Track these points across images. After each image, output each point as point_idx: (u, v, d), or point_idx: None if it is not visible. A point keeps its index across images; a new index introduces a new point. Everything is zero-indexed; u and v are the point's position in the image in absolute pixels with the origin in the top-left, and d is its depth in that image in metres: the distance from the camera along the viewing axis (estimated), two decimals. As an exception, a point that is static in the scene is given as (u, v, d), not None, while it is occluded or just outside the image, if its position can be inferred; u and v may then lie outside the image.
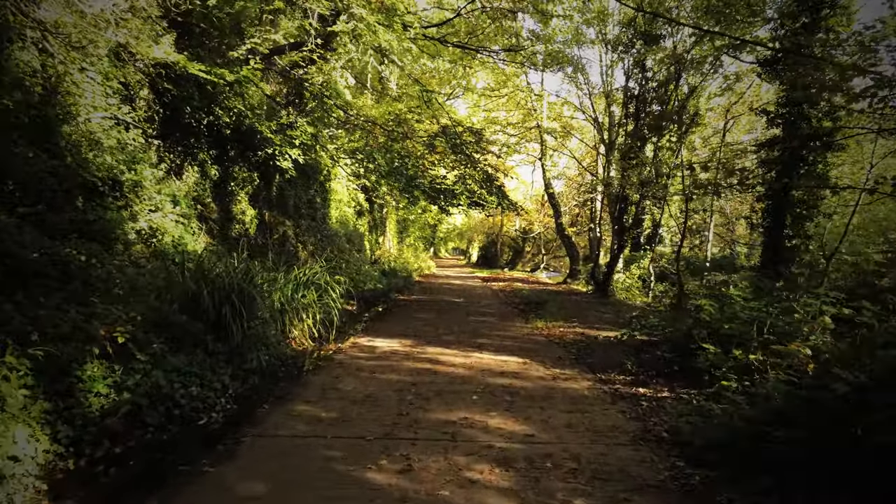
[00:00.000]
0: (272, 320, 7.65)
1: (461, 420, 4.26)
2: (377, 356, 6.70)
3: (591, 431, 4.11)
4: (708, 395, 4.92)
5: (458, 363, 6.35)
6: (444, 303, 13.12)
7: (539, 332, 9.08)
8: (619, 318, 11.12)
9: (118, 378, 4.09)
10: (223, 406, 4.77)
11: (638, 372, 5.92)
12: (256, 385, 5.49)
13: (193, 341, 5.13)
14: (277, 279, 7.99)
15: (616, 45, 15.79)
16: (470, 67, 14.42)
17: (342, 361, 6.39)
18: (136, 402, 3.97)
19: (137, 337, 4.41)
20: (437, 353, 6.90)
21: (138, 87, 8.64)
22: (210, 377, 4.96)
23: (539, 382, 5.53)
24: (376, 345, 7.50)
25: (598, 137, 21.30)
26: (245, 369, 5.58)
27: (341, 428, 4.07)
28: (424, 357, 6.63)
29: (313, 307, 7.94)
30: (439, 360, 6.50)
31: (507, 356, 6.84)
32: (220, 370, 5.17)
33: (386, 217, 24.32)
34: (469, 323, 9.86)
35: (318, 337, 8.14)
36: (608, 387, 5.44)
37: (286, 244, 14.09)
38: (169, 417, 4.23)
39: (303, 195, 16.03)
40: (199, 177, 10.66)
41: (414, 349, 7.18)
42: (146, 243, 7.90)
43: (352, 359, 6.55)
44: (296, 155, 11.72)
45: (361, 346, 7.45)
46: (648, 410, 4.68)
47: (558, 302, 13.63)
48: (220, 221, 11.10)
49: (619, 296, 17.29)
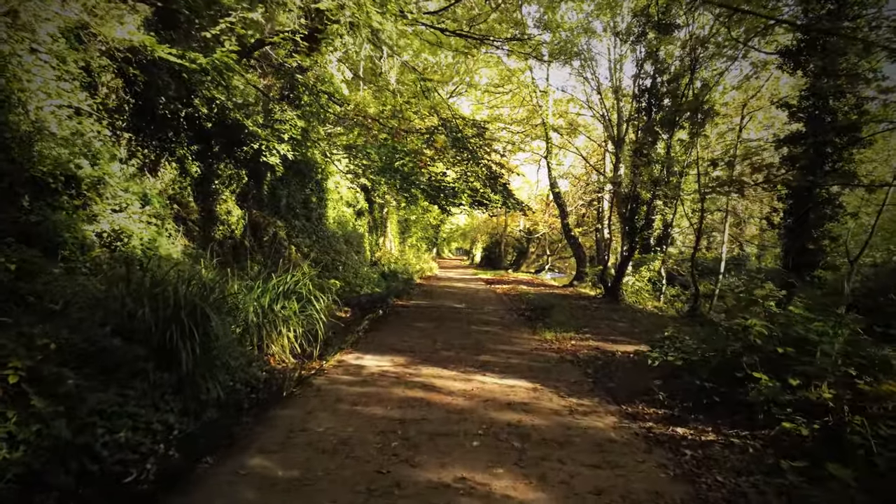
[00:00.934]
0: (248, 335, 6.67)
1: (457, 482, 3.23)
2: (363, 379, 5.68)
3: (627, 501, 3.07)
4: (766, 439, 3.89)
5: (456, 389, 5.32)
6: (444, 309, 12.09)
7: (548, 345, 8.04)
8: (634, 327, 10.07)
9: (12, 428, 3.09)
10: (162, 454, 3.77)
11: (671, 403, 4.87)
12: (214, 421, 4.48)
13: (130, 371, 4.13)
14: (254, 288, 6.98)
15: (627, 35, 14.72)
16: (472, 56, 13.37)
17: (321, 387, 5.37)
18: (27, 463, 2.98)
19: (44, 373, 3.41)
20: (434, 376, 5.87)
21: (102, 72, 7.62)
22: (149, 416, 3.96)
23: (554, 418, 4.49)
24: (365, 364, 6.48)
25: (607, 134, 20.22)
26: (201, 401, 4.57)
27: (299, 497, 3.05)
28: (418, 381, 5.60)
29: (294, 320, 6.93)
30: (435, 385, 5.48)
31: (514, 379, 5.81)
32: (165, 406, 4.16)
33: (387, 217, 23.30)
34: (471, 334, 8.83)
35: (302, 353, 7.14)
36: (638, 425, 4.39)
37: (277, 246, 13.10)
38: (82, 476, 3.23)
39: (297, 194, 15.04)
40: (178, 174, 9.67)
41: (407, 370, 6.16)
42: (109, 247, 6.90)
43: (333, 383, 5.53)
44: (284, 150, 10.72)
45: (348, 365, 6.43)
46: (695, 463, 3.64)
47: (566, 308, 12.59)
48: (201, 222, 10.11)
49: (629, 299, 16.25)
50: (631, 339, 8.68)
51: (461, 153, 9.09)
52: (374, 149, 8.47)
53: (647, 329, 9.83)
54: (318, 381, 5.63)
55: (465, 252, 53.80)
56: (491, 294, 16.32)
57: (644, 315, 12.19)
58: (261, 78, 13.43)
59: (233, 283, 7.22)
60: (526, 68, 22.29)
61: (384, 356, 6.93)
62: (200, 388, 4.56)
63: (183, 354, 4.28)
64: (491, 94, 23.12)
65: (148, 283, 4.59)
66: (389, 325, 9.61)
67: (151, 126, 9.01)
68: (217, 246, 10.45)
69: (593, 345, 8.06)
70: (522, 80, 22.50)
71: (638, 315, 11.78)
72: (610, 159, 22.67)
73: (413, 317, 10.77)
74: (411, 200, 10.89)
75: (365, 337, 8.44)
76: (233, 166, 11.28)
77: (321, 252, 16.02)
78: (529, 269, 32.37)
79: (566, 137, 22.83)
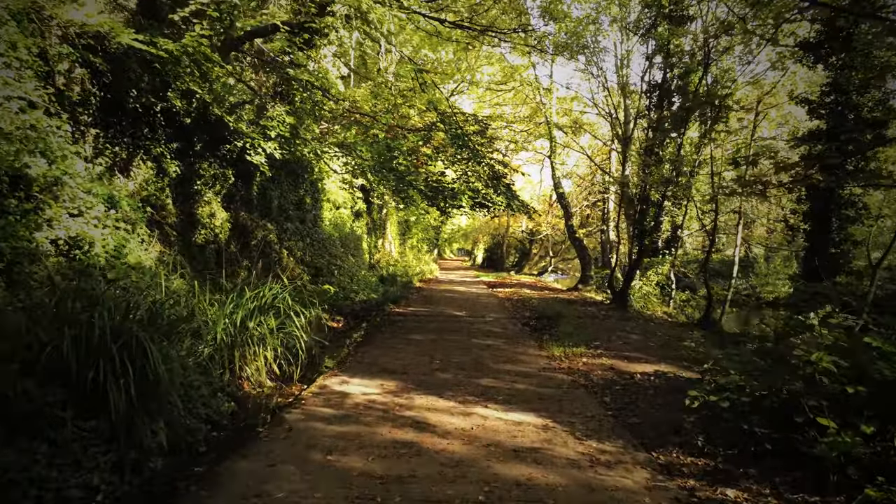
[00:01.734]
0: (218, 356, 5.82)
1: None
2: (345, 413, 4.80)
3: None
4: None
5: (453, 429, 4.44)
6: (444, 318, 11.21)
7: (557, 363, 7.15)
8: (648, 340, 9.17)
9: None
10: (73, 533, 2.91)
11: (711, 450, 3.98)
12: (155, 474, 3.63)
13: (48, 420, 3.28)
14: (227, 302, 6.12)
15: (637, 27, 13.82)
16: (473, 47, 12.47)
17: (294, 425, 4.50)
18: None
19: None
20: (428, 408, 5.00)
21: (61, 60, 6.75)
22: (65, 478, 3.10)
23: (572, 474, 3.61)
24: (350, 390, 5.60)
25: (613, 133, 19.31)
26: (143, 448, 3.71)
27: None
28: (409, 416, 4.72)
29: (271, 338, 6.07)
30: (428, 421, 4.60)
31: (521, 412, 4.93)
32: (89, 462, 3.30)
33: (386, 218, 22.42)
34: (472, 349, 7.95)
35: (281, 375, 6.28)
36: (677, 484, 3.51)
37: (267, 250, 12.23)
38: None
39: (290, 195, 14.16)
40: (154, 174, 8.81)
41: (397, 398, 5.28)
42: (67, 256, 6.05)
43: (309, 419, 4.66)
44: (271, 149, 9.85)
45: (330, 392, 5.56)
46: (761, 550, 2.77)
47: (573, 316, 11.69)
48: (179, 226, 9.25)
49: (636, 304, 15.35)
50: (647, 355, 7.79)
51: (461, 151, 8.21)
52: (365, 146, 7.59)
53: (662, 343, 8.94)
54: (292, 416, 4.75)
55: (467, 253, 52.92)
56: (493, 300, 15.44)
57: (656, 324, 11.29)
58: (253, 74, 12.57)
59: (202, 297, 6.36)
60: (529, 65, 21.40)
61: (373, 379, 6.05)
62: (141, 434, 3.69)
63: (112, 396, 3.42)
64: (493, 92, 22.23)
65: (69, 307, 3.71)
66: (383, 338, 8.74)
67: (123, 121, 8.15)
68: (198, 252, 9.61)
69: (607, 363, 7.17)
70: (525, 77, 21.61)
71: (651, 326, 10.88)
72: (616, 159, 21.77)
73: (409, 327, 9.90)
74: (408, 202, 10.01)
75: (355, 353, 7.56)
76: (217, 166, 10.43)
77: (315, 256, 15.15)
78: (532, 270, 31.48)
79: (571, 136, 21.92)
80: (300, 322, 6.36)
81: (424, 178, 8.29)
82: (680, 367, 6.92)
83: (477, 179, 8.69)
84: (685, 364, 7.20)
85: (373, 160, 7.63)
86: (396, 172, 7.71)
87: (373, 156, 7.63)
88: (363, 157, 7.74)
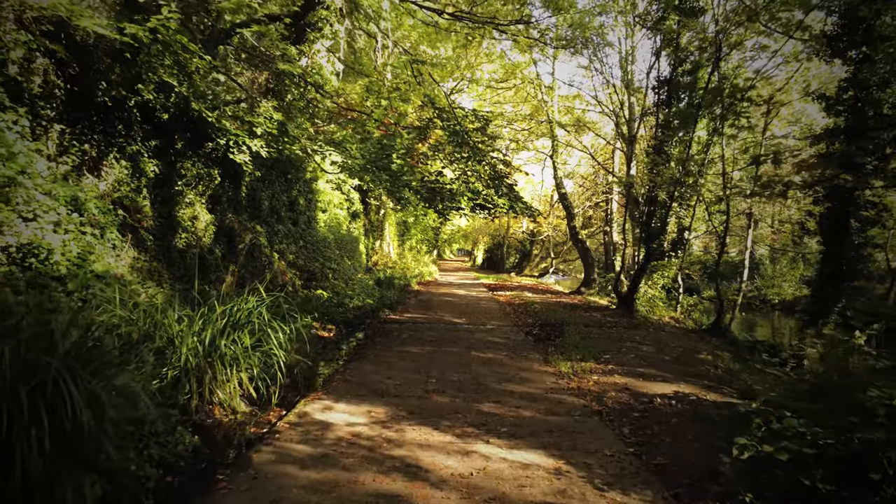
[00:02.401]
0: (186, 380, 5.09)
1: None
2: (324, 453, 4.07)
3: None
4: None
5: (450, 475, 3.71)
6: (442, 326, 10.48)
7: (566, 382, 6.42)
8: (661, 352, 8.44)
9: None
10: None
11: (764, 509, 3.25)
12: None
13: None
14: (196, 318, 5.38)
15: (644, 20, 13.08)
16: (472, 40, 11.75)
17: (261, 470, 3.76)
18: None
19: None
20: (420, 444, 4.26)
21: (14, 47, 6.04)
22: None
23: (596, 544, 2.89)
24: (332, 419, 4.87)
25: (617, 132, 18.57)
26: (70, 508, 2.98)
27: None
28: (398, 457, 3.99)
29: (244, 359, 5.34)
30: (421, 464, 3.87)
31: (528, 450, 4.19)
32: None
33: (384, 220, 21.68)
34: (471, 364, 7.22)
35: (257, 398, 5.55)
36: (728, 561, 2.78)
37: (256, 254, 11.51)
38: None
39: (282, 196, 13.42)
40: (129, 174, 8.09)
41: (386, 431, 4.55)
42: (21, 265, 5.33)
43: (280, 461, 3.92)
44: (257, 147, 9.12)
45: (309, 422, 4.83)
46: None
47: (579, 323, 10.97)
48: (158, 230, 8.52)
49: (641, 309, 14.62)
50: (663, 371, 7.05)
51: (460, 149, 7.48)
52: (356, 144, 6.86)
53: (677, 356, 8.21)
54: (261, 457, 4.02)
55: (467, 253, 52.19)
56: (493, 304, 14.70)
57: (667, 333, 10.55)
58: (245, 70, 11.83)
59: (172, 311, 5.63)
60: (530, 62, 20.69)
61: (360, 404, 5.32)
62: (64, 495, 2.96)
63: (20, 451, 2.70)
64: (493, 90, 21.49)
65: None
66: (376, 351, 8.00)
67: (93, 116, 7.42)
68: (178, 257, 8.87)
69: (620, 382, 6.43)
70: (526, 74, 20.88)
71: (662, 335, 10.14)
72: (619, 158, 21.03)
73: (405, 338, 9.16)
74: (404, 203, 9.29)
75: (343, 370, 6.83)
76: (202, 165, 9.69)
77: (309, 259, 14.41)
78: (533, 272, 30.74)
79: (574, 134, 21.16)
80: (280, 338, 5.62)
81: (421, 178, 7.56)
82: (702, 388, 6.20)
83: (477, 180, 7.96)
84: (707, 383, 6.47)
85: (364, 159, 6.90)
86: (390, 172, 6.98)
87: (365, 154, 6.90)
88: (353, 155, 7.00)
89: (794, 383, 4.49)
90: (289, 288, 12.44)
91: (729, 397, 5.84)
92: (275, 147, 9.18)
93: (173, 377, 5.03)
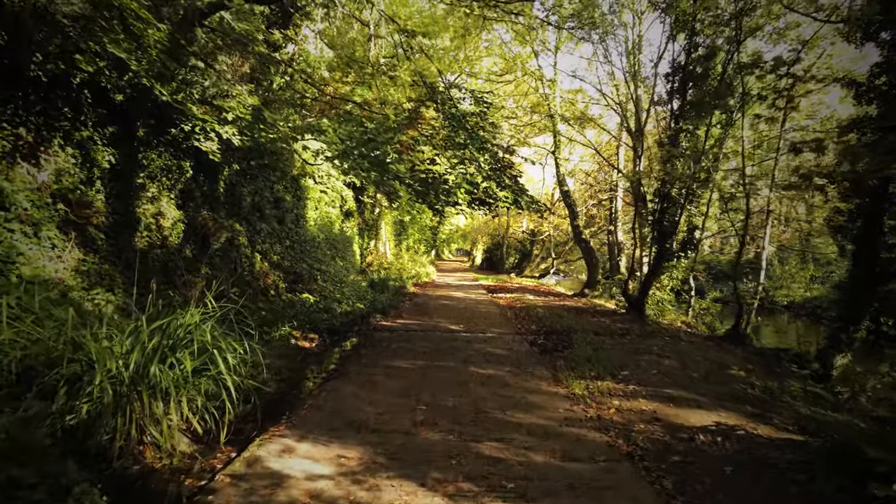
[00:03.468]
0: (106, 414, 3.95)
1: None
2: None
3: None
4: None
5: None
6: (437, 335, 9.33)
7: (583, 410, 5.26)
8: (686, 366, 7.30)
9: None
10: None
11: None
12: None
13: None
14: (123, 337, 4.23)
15: (655, 3, 11.95)
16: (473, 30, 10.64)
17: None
18: None
19: None
20: (400, 511, 3.14)
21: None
22: None
23: None
24: (290, 469, 3.73)
25: (622, 126, 17.43)
26: None
27: None
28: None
29: (185, 388, 4.19)
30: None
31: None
32: None
33: (379, 218, 20.51)
34: (469, 384, 6.08)
35: (205, 433, 4.42)
36: None
37: (234, 255, 10.35)
38: None
39: (266, 192, 12.27)
40: (76, 163, 6.94)
41: (356, 489, 3.41)
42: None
43: (203, 545, 2.78)
44: (228, 134, 7.95)
45: (259, 474, 3.68)
46: None
47: (588, 330, 9.83)
48: (112, 228, 7.35)
49: (650, 313, 13.50)
50: (694, 393, 5.91)
51: (457, 134, 6.34)
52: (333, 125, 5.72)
53: (705, 371, 7.07)
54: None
55: (466, 253, 51.02)
56: (493, 308, 13.55)
57: (687, 343, 9.41)
58: (227, 57, 10.66)
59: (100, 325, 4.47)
60: (531, 55, 19.57)
61: (330, 444, 4.18)
62: None
63: None
64: (493, 84, 20.33)
65: None
66: (360, 366, 6.86)
67: (30, 96, 6.30)
68: (138, 259, 7.69)
69: (648, 409, 5.29)
70: (527, 67, 19.74)
71: (682, 345, 8.99)
72: (624, 154, 19.89)
73: (395, 349, 8.02)
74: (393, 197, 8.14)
75: (318, 393, 5.67)
76: (170, 156, 8.54)
77: (295, 260, 13.24)
78: (533, 273, 29.58)
79: (577, 128, 20.01)
80: (232, 360, 4.47)
81: (411, 168, 6.43)
82: (747, 417, 5.05)
83: (476, 170, 6.82)
84: (750, 410, 5.33)
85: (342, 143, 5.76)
86: (374, 158, 5.83)
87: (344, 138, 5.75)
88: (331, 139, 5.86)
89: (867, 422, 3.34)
90: (271, 292, 11.30)
91: (784, 431, 4.70)
92: (249, 135, 8.02)
93: (89, 412, 3.88)
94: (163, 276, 8.06)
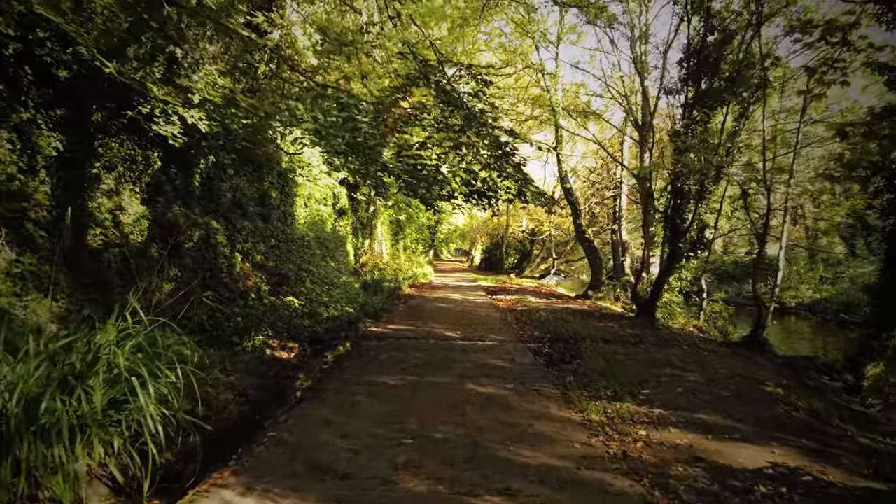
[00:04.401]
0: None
1: None
2: None
3: None
4: None
5: None
6: (431, 343, 8.33)
7: (603, 444, 4.25)
8: (713, 382, 6.29)
9: None
10: None
11: None
12: None
13: None
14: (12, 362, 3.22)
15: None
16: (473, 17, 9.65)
17: None
18: None
19: None
20: None
21: None
22: None
23: None
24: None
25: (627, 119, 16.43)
26: None
27: None
28: None
29: (96, 428, 3.19)
30: None
31: None
32: None
33: (374, 217, 19.50)
34: (465, 407, 5.08)
35: (127, 482, 3.41)
36: None
37: (210, 255, 9.32)
38: None
39: (249, 188, 11.24)
40: (12, 149, 5.91)
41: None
42: None
43: None
44: (194, 119, 6.91)
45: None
46: None
47: (596, 337, 8.83)
48: (54, 225, 6.32)
49: (659, 315, 12.51)
50: (732, 419, 4.90)
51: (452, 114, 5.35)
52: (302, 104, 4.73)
53: (736, 388, 6.06)
54: None
55: (465, 253, 50.00)
56: (493, 312, 12.55)
57: (708, 352, 8.40)
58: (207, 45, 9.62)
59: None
60: (532, 47, 18.59)
61: (286, 498, 3.17)
62: None
63: None
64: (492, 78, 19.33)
65: None
66: (341, 383, 5.85)
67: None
68: (91, 259, 6.67)
69: (682, 442, 4.28)
70: (528, 61, 18.76)
71: (703, 355, 7.99)
72: (629, 150, 18.89)
73: (383, 360, 7.01)
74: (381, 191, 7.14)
75: (284, 420, 4.66)
76: (133, 145, 7.51)
77: (281, 260, 12.20)
78: (533, 273, 28.57)
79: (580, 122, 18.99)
80: (154, 389, 3.46)
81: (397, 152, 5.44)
82: (808, 455, 4.05)
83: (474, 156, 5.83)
84: (806, 443, 4.32)
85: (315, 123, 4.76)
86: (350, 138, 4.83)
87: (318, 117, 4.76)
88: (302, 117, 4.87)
89: None
90: (251, 295, 10.28)
91: (859, 476, 3.69)
92: (218, 120, 7.01)
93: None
94: (119, 280, 7.04)
